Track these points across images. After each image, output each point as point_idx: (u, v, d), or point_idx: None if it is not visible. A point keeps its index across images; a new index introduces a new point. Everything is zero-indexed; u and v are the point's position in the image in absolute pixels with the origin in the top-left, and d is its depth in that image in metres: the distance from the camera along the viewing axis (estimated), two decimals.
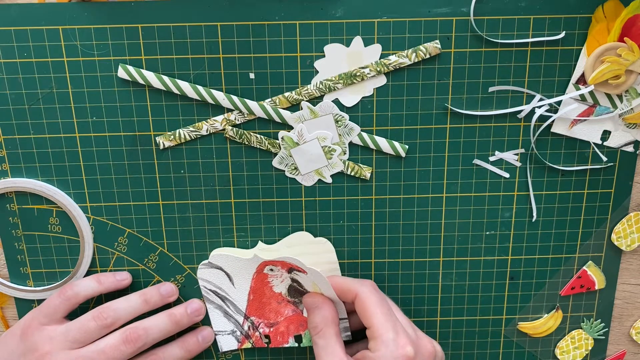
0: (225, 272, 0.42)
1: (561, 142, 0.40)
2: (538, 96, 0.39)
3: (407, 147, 0.40)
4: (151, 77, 0.37)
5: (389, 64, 0.37)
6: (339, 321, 0.39)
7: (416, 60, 0.37)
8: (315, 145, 0.39)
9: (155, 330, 0.38)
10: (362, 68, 0.38)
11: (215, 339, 0.43)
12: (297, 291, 0.41)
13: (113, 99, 0.38)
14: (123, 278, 0.41)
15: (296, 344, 0.42)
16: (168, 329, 0.39)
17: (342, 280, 0.38)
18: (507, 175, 0.41)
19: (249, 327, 0.43)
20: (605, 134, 0.40)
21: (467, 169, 0.40)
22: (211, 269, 0.41)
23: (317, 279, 0.38)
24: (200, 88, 0.38)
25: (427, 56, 0.37)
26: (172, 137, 0.39)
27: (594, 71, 0.37)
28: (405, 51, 0.37)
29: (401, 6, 0.37)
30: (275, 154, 0.40)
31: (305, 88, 0.38)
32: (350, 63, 0.38)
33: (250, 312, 0.43)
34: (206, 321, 0.43)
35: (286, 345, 0.42)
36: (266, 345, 0.43)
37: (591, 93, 0.39)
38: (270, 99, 0.38)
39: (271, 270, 0.41)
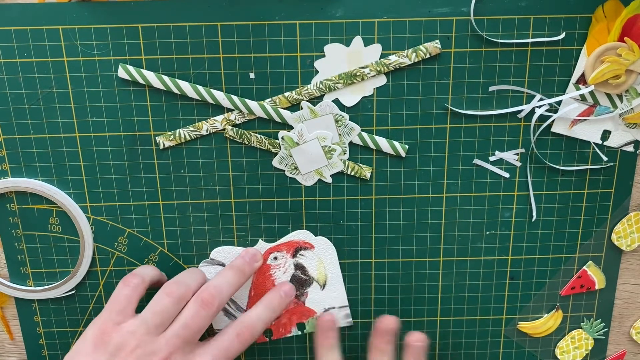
0: None
1: (561, 142, 0.40)
2: (538, 96, 0.39)
3: (407, 147, 0.40)
4: (151, 77, 0.37)
5: (389, 63, 0.37)
6: (339, 309, 0.41)
7: (416, 60, 0.37)
8: (315, 145, 0.39)
9: (225, 285, 0.37)
10: (362, 68, 0.38)
11: None
12: (299, 281, 0.41)
13: (113, 99, 0.38)
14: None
15: (299, 332, 0.43)
16: (235, 280, 0.38)
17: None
18: (507, 175, 0.41)
19: None
20: (605, 134, 0.40)
21: (467, 169, 0.40)
22: (212, 266, 0.42)
23: (324, 251, 0.39)
24: (200, 88, 0.38)
25: (427, 56, 0.37)
26: (172, 137, 0.39)
27: (594, 71, 0.37)
28: (405, 51, 0.37)
29: (401, 6, 0.37)
30: (275, 154, 0.40)
31: (305, 88, 0.38)
32: (350, 63, 0.38)
33: None
34: None
35: (289, 335, 0.43)
36: (267, 340, 0.43)
37: (591, 93, 0.39)
38: (270, 99, 0.38)
39: (275, 259, 0.41)
